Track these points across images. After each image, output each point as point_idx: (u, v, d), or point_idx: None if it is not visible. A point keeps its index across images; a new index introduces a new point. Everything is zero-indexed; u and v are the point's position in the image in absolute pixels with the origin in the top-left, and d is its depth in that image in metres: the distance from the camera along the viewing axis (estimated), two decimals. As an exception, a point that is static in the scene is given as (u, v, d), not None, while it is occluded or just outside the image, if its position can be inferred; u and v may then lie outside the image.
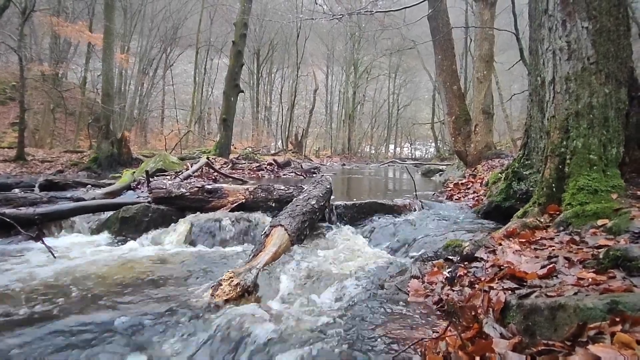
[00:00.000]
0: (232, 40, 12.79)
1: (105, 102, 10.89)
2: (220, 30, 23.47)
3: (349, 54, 29.25)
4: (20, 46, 11.03)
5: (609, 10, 2.47)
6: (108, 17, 11.19)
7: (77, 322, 1.52)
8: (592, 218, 2.05)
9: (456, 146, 7.58)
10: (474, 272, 1.76)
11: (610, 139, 2.40)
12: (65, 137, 16.80)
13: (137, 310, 1.67)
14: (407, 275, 1.94)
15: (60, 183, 5.58)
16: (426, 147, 42.44)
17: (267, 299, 1.78)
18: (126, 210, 3.40)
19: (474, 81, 8.41)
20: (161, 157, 8.45)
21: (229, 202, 3.64)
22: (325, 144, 33.20)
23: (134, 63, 21.14)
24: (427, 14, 7.35)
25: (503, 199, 3.28)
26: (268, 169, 9.69)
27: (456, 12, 15.68)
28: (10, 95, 16.38)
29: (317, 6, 15.72)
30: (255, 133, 25.53)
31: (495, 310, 1.34)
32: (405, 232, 2.95)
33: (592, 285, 1.34)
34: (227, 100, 12.38)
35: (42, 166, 10.33)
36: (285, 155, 16.03)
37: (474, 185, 5.23)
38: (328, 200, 3.59)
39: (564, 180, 2.43)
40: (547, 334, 1.15)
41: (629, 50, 2.54)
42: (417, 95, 35.38)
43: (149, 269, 2.37)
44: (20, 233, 2.87)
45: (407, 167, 14.24)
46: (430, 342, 1.23)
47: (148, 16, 21.40)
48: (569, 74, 2.50)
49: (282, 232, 2.62)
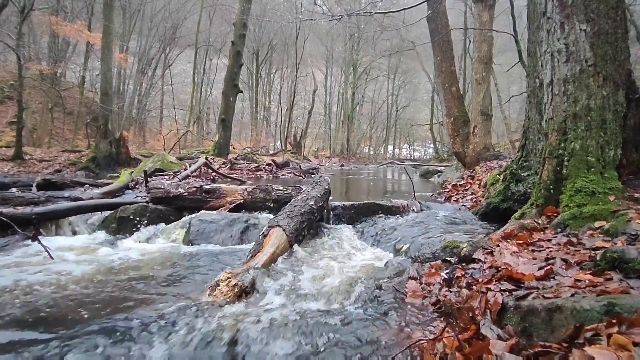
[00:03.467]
0: (231, 41, 12.81)
1: (104, 102, 10.88)
2: (220, 30, 23.47)
3: (348, 54, 29.28)
4: (19, 45, 11.00)
5: (607, 12, 2.48)
6: (107, 16, 11.18)
7: (72, 323, 1.51)
8: (589, 220, 2.05)
9: (455, 147, 7.60)
10: (472, 273, 1.76)
11: (608, 141, 2.41)
12: (64, 136, 16.76)
13: (133, 310, 1.67)
14: (404, 276, 1.93)
15: (58, 182, 5.57)
16: (425, 148, 42.56)
17: (265, 300, 1.78)
18: (124, 210, 3.39)
19: (472, 83, 8.43)
20: (159, 157, 8.44)
21: (227, 202, 3.63)
22: (324, 144, 33.21)
23: (133, 62, 21.14)
24: (426, 15, 7.37)
25: (501, 201, 3.29)
26: (267, 169, 9.69)
27: (455, 13, 15.72)
28: (8, 94, 16.32)
29: (317, 7, 15.75)
30: (254, 133, 25.53)
31: (493, 311, 1.34)
32: (403, 233, 2.95)
33: (589, 287, 1.34)
34: (226, 100, 12.37)
35: (39, 165, 10.30)
36: (283, 155, 16.03)
37: (472, 186, 5.24)
38: (326, 200, 3.59)
39: (561, 182, 2.44)
40: (544, 336, 1.15)
41: (626, 52, 2.55)
42: (416, 97, 35.46)
43: (146, 269, 2.37)
44: (17, 233, 2.85)
45: (406, 168, 14.25)
46: (428, 343, 1.23)
47: (147, 16, 21.40)
48: (567, 76, 2.51)
49: (280, 232, 2.62)
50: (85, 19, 16.60)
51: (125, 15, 19.45)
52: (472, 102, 8.41)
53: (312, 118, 29.22)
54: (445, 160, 15.90)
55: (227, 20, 21.30)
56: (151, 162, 8.01)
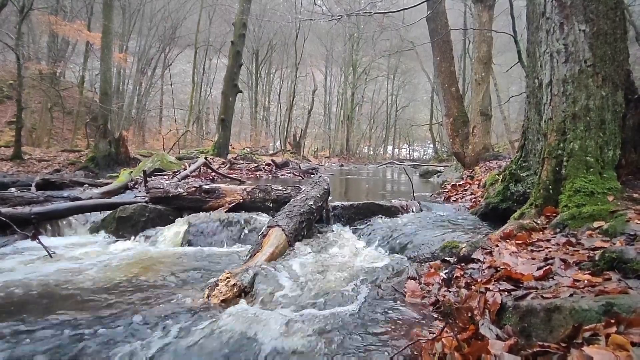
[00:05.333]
0: (231, 41, 12.79)
1: (103, 102, 10.86)
2: (219, 30, 23.47)
3: (348, 54, 29.29)
4: (18, 44, 10.99)
5: (606, 13, 2.49)
6: (106, 16, 11.17)
7: (72, 323, 1.51)
8: (588, 220, 2.06)
9: (454, 148, 7.60)
10: (471, 273, 1.77)
11: (607, 141, 2.41)
12: (63, 136, 16.73)
13: (133, 310, 1.67)
14: (404, 276, 1.94)
15: (57, 182, 5.57)
16: (424, 149, 42.58)
17: (264, 300, 1.78)
18: (123, 210, 3.38)
19: (472, 83, 8.44)
20: (159, 156, 8.43)
21: (226, 202, 3.63)
22: (323, 144, 33.20)
23: (132, 62, 21.12)
24: (426, 15, 7.37)
25: (500, 201, 3.29)
26: (266, 169, 9.68)
27: (455, 14, 15.74)
28: (7, 94, 16.30)
29: (316, 7, 15.75)
30: (253, 133, 25.52)
31: (492, 311, 1.34)
32: (402, 233, 2.95)
33: (588, 287, 1.34)
34: (226, 100, 12.36)
35: (39, 165, 10.29)
36: (283, 155, 16.04)
37: (472, 186, 5.24)
38: (326, 201, 3.59)
39: (560, 182, 2.44)
40: (542, 336, 1.15)
41: (625, 53, 2.55)
42: (416, 97, 35.50)
43: (145, 269, 2.36)
44: (16, 232, 2.85)
45: (405, 168, 14.26)
46: (427, 343, 1.23)
47: (147, 15, 21.39)
48: (566, 76, 2.51)
49: (280, 232, 2.62)
50: (84, 18, 16.58)
51: (124, 15, 19.43)
52: (472, 103, 8.42)
53: (312, 118, 29.23)
54: (445, 161, 15.91)
55: (226, 20, 21.29)
56: (150, 162, 8.00)
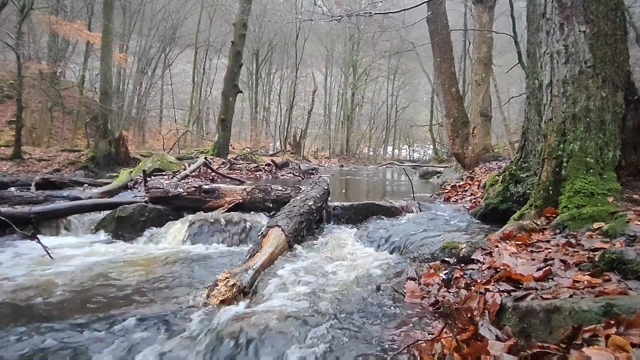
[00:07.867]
0: (231, 41, 12.79)
1: (103, 101, 10.85)
2: (219, 30, 23.47)
3: (348, 55, 29.31)
4: (18, 44, 10.98)
5: (606, 14, 2.49)
6: (107, 16, 11.16)
7: (71, 323, 1.51)
8: (588, 221, 2.06)
9: (454, 148, 7.60)
10: (470, 274, 1.77)
11: (607, 142, 2.41)
12: (63, 135, 16.72)
13: (132, 310, 1.66)
14: (403, 277, 1.93)
15: (57, 182, 5.57)
16: (424, 149, 42.55)
17: (263, 300, 1.78)
18: (123, 210, 3.38)
19: (472, 84, 8.44)
20: (159, 156, 8.43)
21: (226, 202, 3.63)
22: (323, 145, 33.22)
23: (133, 62, 21.11)
24: (426, 16, 7.37)
25: (500, 202, 3.29)
26: (266, 169, 9.69)
27: (455, 14, 15.73)
28: (7, 94, 16.28)
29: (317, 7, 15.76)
30: (253, 133, 25.51)
31: (491, 312, 1.34)
32: (402, 234, 2.95)
33: (588, 288, 1.34)
34: (226, 100, 12.36)
35: (39, 165, 10.29)
36: (283, 156, 16.04)
37: (472, 187, 5.24)
38: (325, 201, 3.59)
39: (560, 183, 2.44)
40: (542, 336, 1.15)
41: (625, 54, 2.55)
42: (416, 97, 35.51)
43: (145, 269, 2.36)
44: (15, 232, 2.84)
45: (405, 169, 14.26)
46: (426, 343, 1.23)
47: (147, 15, 21.36)
48: (566, 77, 2.51)
49: (279, 232, 2.62)
50: (85, 18, 16.56)
51: (125, 15, 19.42)
52: (472, 103, 8.42)
53: (312, 118, 29.21)
54: (445, 161, 15.93)
55: (227, 20, 21.29)
56: (150, 161, 8.00)
